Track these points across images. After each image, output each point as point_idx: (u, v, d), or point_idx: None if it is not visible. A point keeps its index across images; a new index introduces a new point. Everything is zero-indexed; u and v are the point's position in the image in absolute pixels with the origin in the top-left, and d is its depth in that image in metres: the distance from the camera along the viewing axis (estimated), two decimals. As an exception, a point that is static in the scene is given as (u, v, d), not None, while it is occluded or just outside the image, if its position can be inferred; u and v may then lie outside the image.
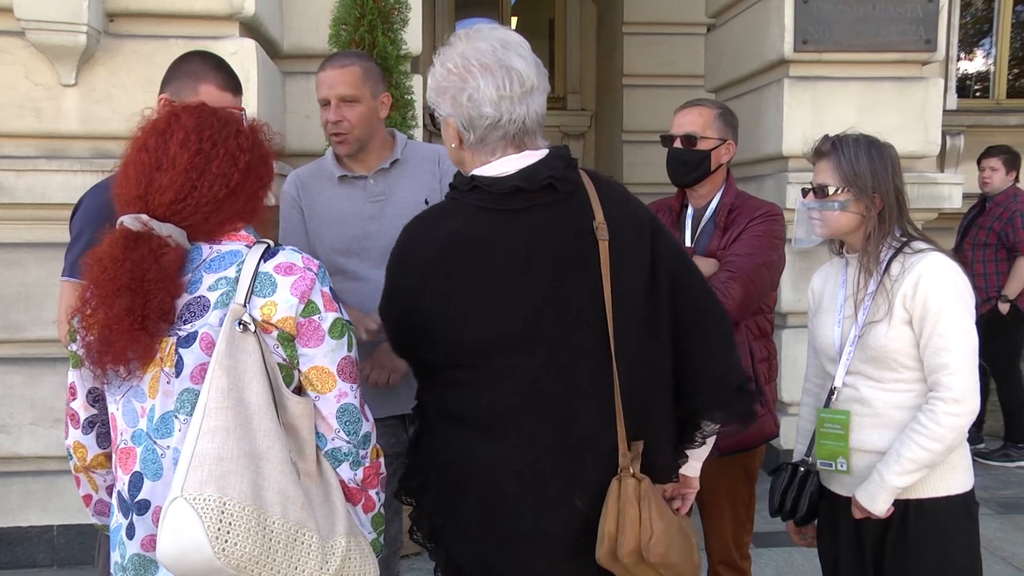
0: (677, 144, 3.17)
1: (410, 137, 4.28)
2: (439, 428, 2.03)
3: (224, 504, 1.62)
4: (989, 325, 5.62)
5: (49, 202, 4.17)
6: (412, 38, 4.58)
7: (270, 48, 4.78)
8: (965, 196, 5.65)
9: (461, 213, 1.97)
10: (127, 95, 4.23)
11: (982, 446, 6.38)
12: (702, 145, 3.13)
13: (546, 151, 2.01)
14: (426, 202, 2.82)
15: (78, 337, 1.81)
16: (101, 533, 2.60)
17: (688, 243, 3.18)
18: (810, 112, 5.35)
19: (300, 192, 3.03)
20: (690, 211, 3.23)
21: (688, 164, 3.15)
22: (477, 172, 1.98)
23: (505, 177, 1.96)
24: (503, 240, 1.94)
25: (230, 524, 1.61)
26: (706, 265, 3.03)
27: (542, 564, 1.98)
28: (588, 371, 1.97)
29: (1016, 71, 8.83)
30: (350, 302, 2.75)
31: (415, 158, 3.04)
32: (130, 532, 1.82)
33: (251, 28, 4.46)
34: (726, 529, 3.18)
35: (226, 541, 1.61)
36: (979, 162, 6.41)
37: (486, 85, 1.93)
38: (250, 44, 4.29)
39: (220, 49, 3.17)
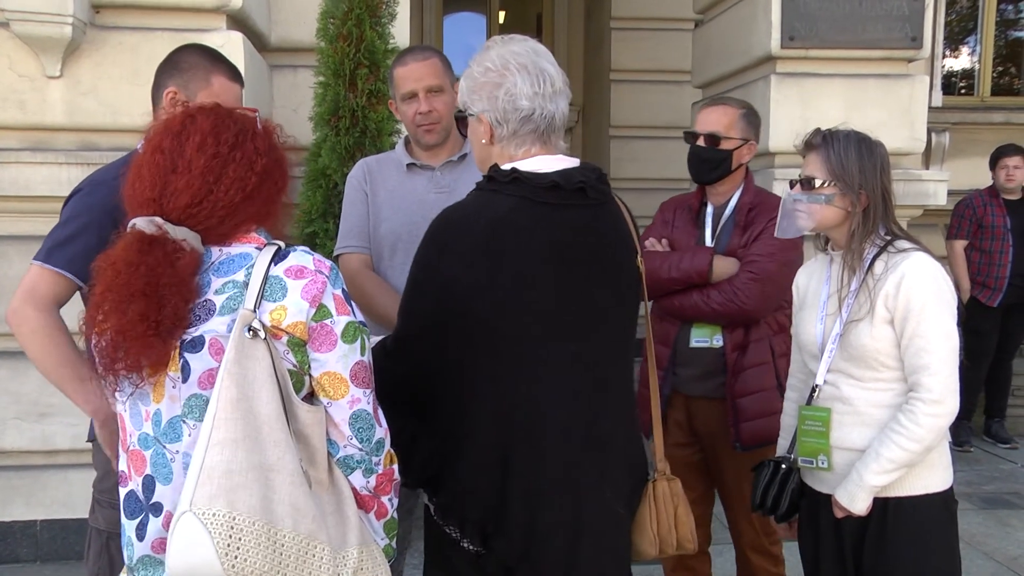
0: (700, 142, 3.23)
1: (396, 132, 4.29)
2: (465, 427, 2.04)
3: (234, 519, 1.60)
4: None
5: (33, 194, 4.15)
6: (400, 32, 4.56)
7: (257, 41, 4.76)
8: (950, 193, 5.68)
9: (502, 203, 2.03)
10: (113, 87, 4.21)
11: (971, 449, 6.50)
12: (725, 145, 3.19)
13: (578, 161, 2.14)
14: None
15: (91, 342, 1.78)
16: (91, 528, 2.57)
17: (708, 241, 3.24)
18: (796, 108, 5.36)
19: (367, 177, 3.05)
20: (710, 209, 3.30)
21: (710, 163, 3.22)
22: (517, 165, 2.07)
23: (544, 173, 2.05)
24: (542, 231, 2.02)
25: (240, 539, 1.60)
26: (727, 264, 3.13)
27: (585, 559, 2.05)
28: (611, 370, 2.12)
29: (1001, 69, 8.87)
30: (399, 287, 2.75)
31: None
32: (140, 533, 1.80)
33: (238, 21, 4.44)
34: (753, 517, 3.19)
35: (236, 557, 1.59)
36: (997, 160, 6.54)
37: (523, 82, 2.07)
38: (237, 37, 4.27)
39: (207, 42, 3.15)
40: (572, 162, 2.12)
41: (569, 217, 2.04)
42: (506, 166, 2.07)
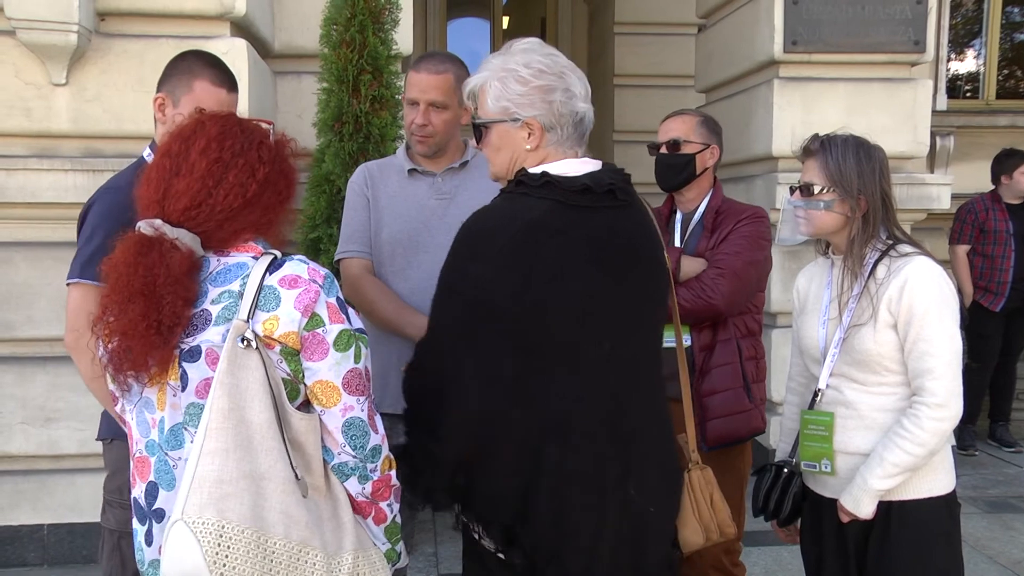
0: (663, 150, 3.29)
1: (399, 137, 4.31)
2: (499, 429, 2.00)
3: (223, 527, 1.63)
4: None
5: (40, 201, 4.17)
6: (403, 38, 4.59)
7: (261, 48, 4.78)
8: (954, 196, 5.68)
9: (536, 206, 2.01)
10: (118, 94, 4.23)
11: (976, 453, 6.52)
12: (686, 149, 3.26)
13: (601, 163, 2.13)
14: None
15: (101, 345, 1.80)
16: (105, 530, 2.59)
17: (677, 245, 3.27)
18: (799, 113, 5.37)
19: (368, 181, 3.05)
20: (679, 216, 3.35)
21: (674, 167, 3.28)
22: (547, 169, 2.05)
23: (574, 176, 2.04)
24: (577, 232, 2.01)
25: (228, 547, 1.63)
26: (694, 264, 3.16)
27: (605, 552, 2.04)
28: (643, 367, 2.13)
29: (1006, 72, 8.86)
30: (400, 293, 2.84)
31: (483, 165, 3.06)
32: (148, 539, 1.84)
33: (242, 28, 4.46)
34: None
35: (224, 565, 1.62)
36: (1007, 167, 6.49)
37: (578, 84, 2.08)
38: (241, 44, 4.29)
39: (211, 49, 3.17)
40: (596, 164, 2.12)
41: (601, 219, 2.04)
42: (535, 170, 2.05)
